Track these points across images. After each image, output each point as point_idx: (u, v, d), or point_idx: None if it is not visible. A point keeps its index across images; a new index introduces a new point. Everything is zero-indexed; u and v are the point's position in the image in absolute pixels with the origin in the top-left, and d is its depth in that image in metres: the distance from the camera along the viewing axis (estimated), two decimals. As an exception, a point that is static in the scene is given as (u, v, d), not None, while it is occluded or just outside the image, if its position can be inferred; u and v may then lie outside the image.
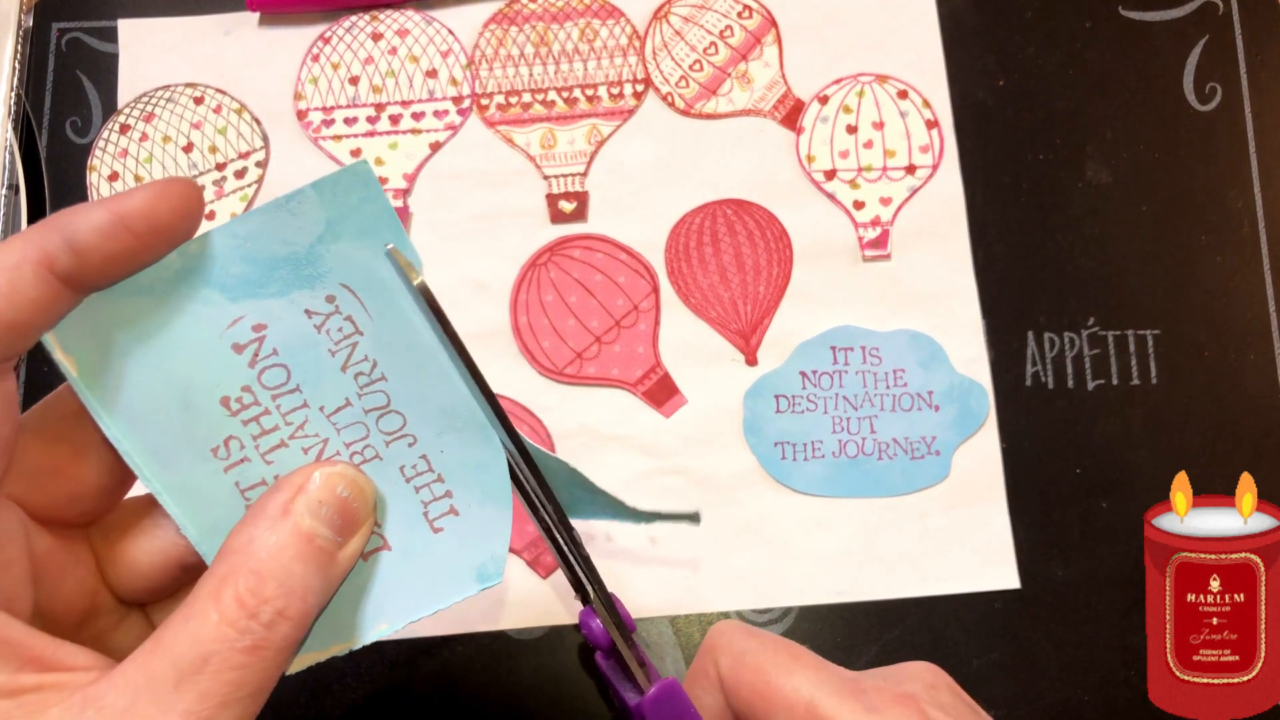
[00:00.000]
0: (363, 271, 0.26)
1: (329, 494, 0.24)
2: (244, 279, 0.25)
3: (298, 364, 0.26)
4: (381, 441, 0.26)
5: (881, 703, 0.28)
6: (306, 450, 0.26)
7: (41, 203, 0.45)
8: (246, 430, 0.25)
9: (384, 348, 0.26)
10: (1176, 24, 0.47)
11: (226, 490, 0.25)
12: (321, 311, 0.26)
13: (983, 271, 0.45)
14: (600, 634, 0.31)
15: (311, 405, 0.26)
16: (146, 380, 0.24)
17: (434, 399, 0.26)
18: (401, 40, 0.47)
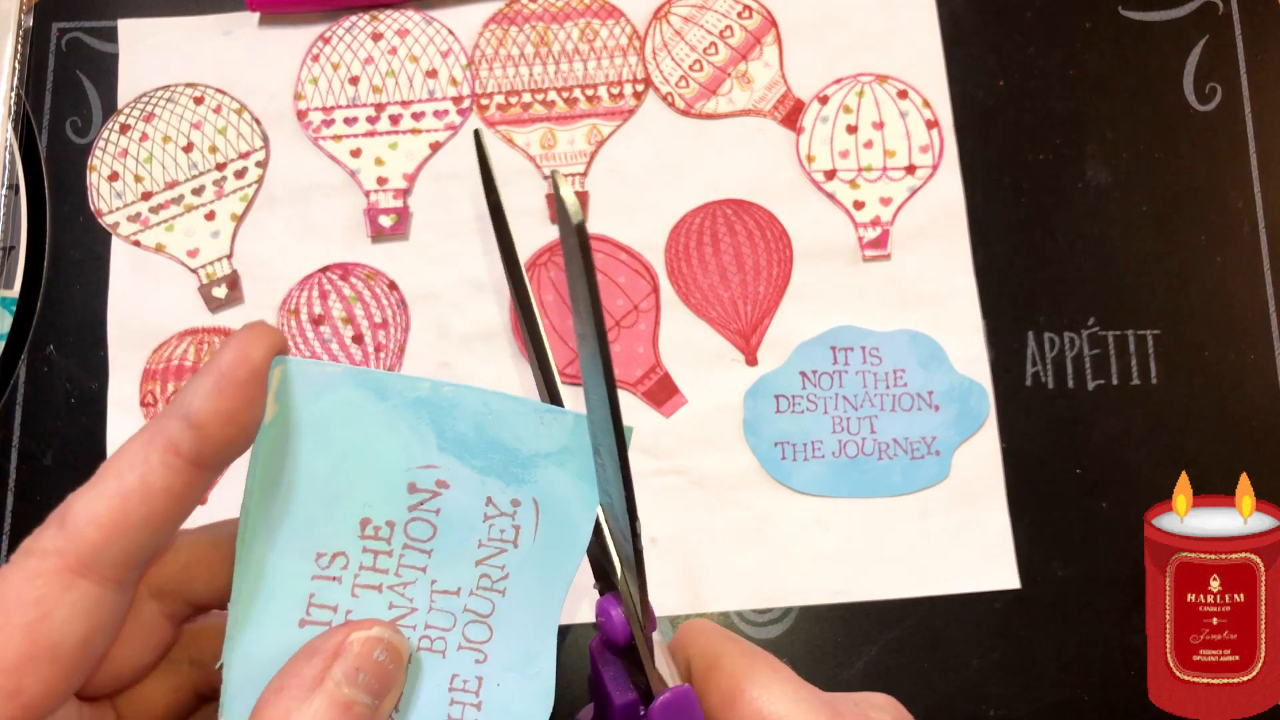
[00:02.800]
0: (559, 502, 0.26)
1: (366, 661, 0.23)
2: (462, 439, 0.25)
3: (446, 533, 0.25)
4: (456, 643, 0.26)
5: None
6: (391, 606, 0.25)
7: (41, 203, 0.45)
8: (360, 556, 0.25)
9: (524, 571, 0.26)
10: (1176, 24, 0.47)
11: (297, 599, 0.25)
12: (500, 509, 0.26)
13: (983, 271, 0.45)
14: (621, 628, 0.29)
15: (428, 573, 0.25)
16: (317, 461, 0.24)
17: (524, 639, 0.26)
18: (401, 40, 0.47)
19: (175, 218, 0.45)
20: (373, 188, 0.45)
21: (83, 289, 0.44)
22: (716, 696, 0.28)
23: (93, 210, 0.45)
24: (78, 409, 0.43)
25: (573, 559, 0.26)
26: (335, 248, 0.45)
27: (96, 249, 0.45)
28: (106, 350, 0.44)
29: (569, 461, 0.26)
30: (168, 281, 0.45)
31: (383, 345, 0.44)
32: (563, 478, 0.26)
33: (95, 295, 0.44)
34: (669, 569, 0.42)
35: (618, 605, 0.28)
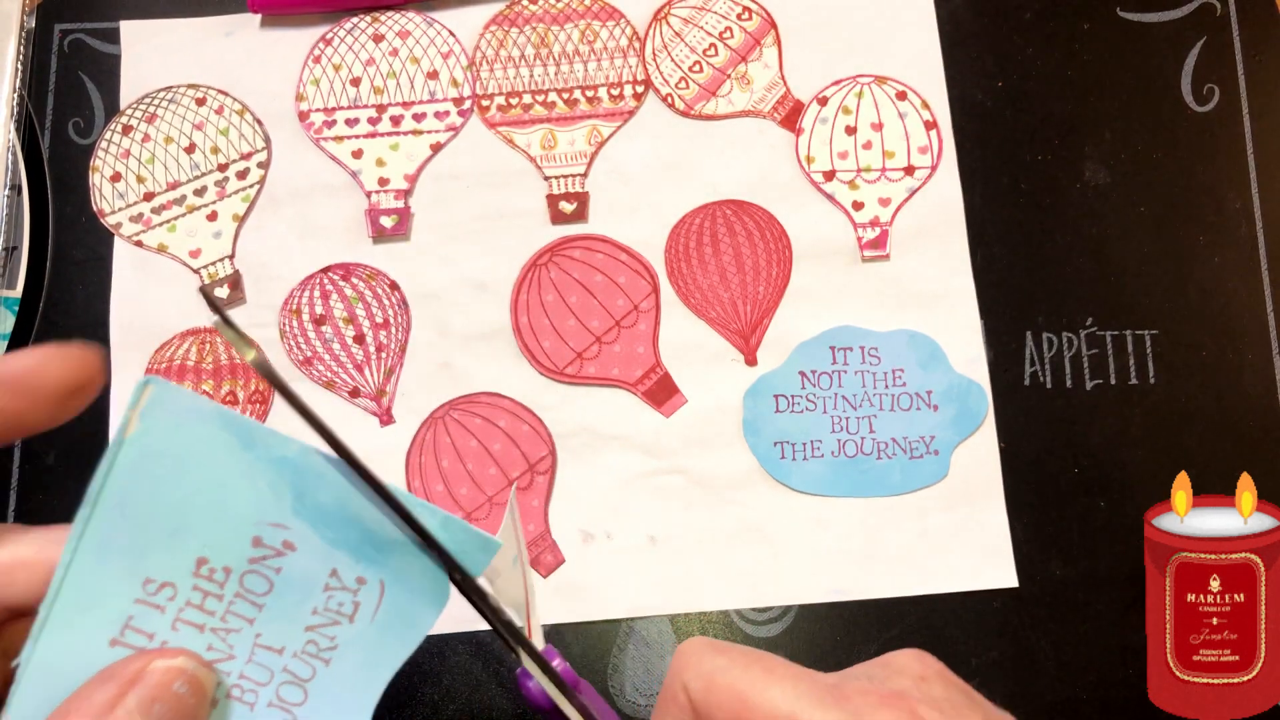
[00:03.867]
0: (408, 590, 0.25)
1: (164, 691, 0.22)
2: (320, 508, 0.24)
3: (282, 593, 0.25)
4: (268, 699, 0.25)
5: (867, 706, 0.27)
6: (209, 649, 0.24)
7: (44, 203, 0.45)
8: (190, 593, 0.24)
9: (353, 648, 0.25)
10: (1174, 25, 0.47)
11: (113, 618, 0.24)
12: (344, 583, 0.25)
13: (981, 272, 0.45)
14: (537, 694, 0.28)
15: (255, 626, 0.25)
16: (167, 488, 0.24)
17: (337, 712, 0.25)
18: (403, 42, 0.47)
19: (177, 218, 0.45)
20: (374, 188, 0.46)
21: (85, 289, 0.45)
22: (722, 714, 0.28)
23: (95, 211, 0.45)
24: (80, 408, 0.43)
25: (406, 647, 0.25)
26: (337, 248, 0.45)
27: (99, 249, 0.45)
28: (109, 350, 0.44)
29: (424, 555, 0.25)
30: (170, 282, 0.45)
31: (384, 345, 0.44)
32: (416, 569, 0.25)
33: (97, 296, 0.44)
34: (669, 568, 0.42)
35: (529, 676, 0.28)
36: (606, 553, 0.42)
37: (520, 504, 0.42)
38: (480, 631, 0.41)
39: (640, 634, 0.41)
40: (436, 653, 0.41)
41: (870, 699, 0.27)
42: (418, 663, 0.41)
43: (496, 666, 0.41)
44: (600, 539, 0.42)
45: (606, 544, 0.42)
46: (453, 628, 0.41)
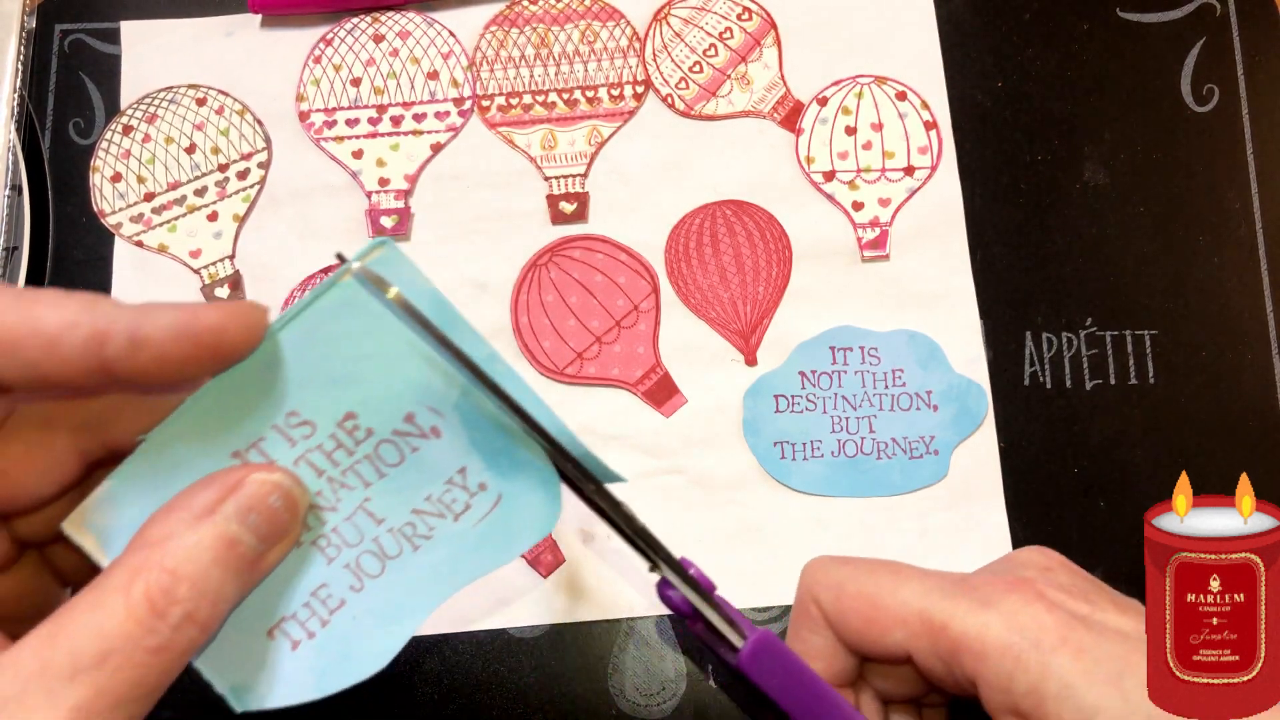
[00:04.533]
0: (518, 511, 0.26)
1: (260, 501, 0.23)
2: (477, 411, 0.25)
3: (408, 471, 0.26)
4: (346, 560, 0.25)
5: (995, 594, 0.27)
6: (318, 494, 0.25)
7: (44, 203, 0.45)
8: (325, 439, 0.25)
9: (446, 545, 0.26)
10: (1174, 26, 0.47)
11: (246, 434, 0.24)
12: (465, 483, 0.26)
13: (981, 272, 0.45)
14: (680, 602, 0.29)
15: (369, 490, 0.25)
16: (353, 339, 0.25)
17: (404, 597, 0.26)
18: (403, 42, 0.47)
19: (178, 219, 0.45)
20: (374, 189, 0.46)
21: (85, 290, 0.44)
22: (855, 620, 0.28)
23: (95, 211, 0.45)
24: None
25: (491, 564, 0.26)
26: (337, 248, 0.45)
27: (99, 250, 0.45)
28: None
29: (550, 486, 0.26)
30: (170, 282, 0.45)
31: (384, 345, 0.44)
32: (536, 495, 0.26)
33: (98, 295, 0.44)
34: (669, 568, 0.42)
35: (670, 586, 0.29)
36: (606, 552, 0.42)
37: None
38: (480, 631, 0.41)
39: (640, 634, 0.41)
40: (437, 653, 0.41)
41: (997, 587, 0.28)
42: (418, 663, 0.41)
43: (497, 666, 0.41)
44: (600, 539, 0.42)
45: (606, 544, 0.42)
46: (452, 628, 0.41)
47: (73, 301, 0.22)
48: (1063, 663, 0.26)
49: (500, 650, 0.41)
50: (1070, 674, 0.26)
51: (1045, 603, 0.27)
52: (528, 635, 0.41)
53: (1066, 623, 0.27)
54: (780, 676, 0.28)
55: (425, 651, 0.41)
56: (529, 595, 0.41)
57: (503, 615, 0.41)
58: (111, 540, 0.23)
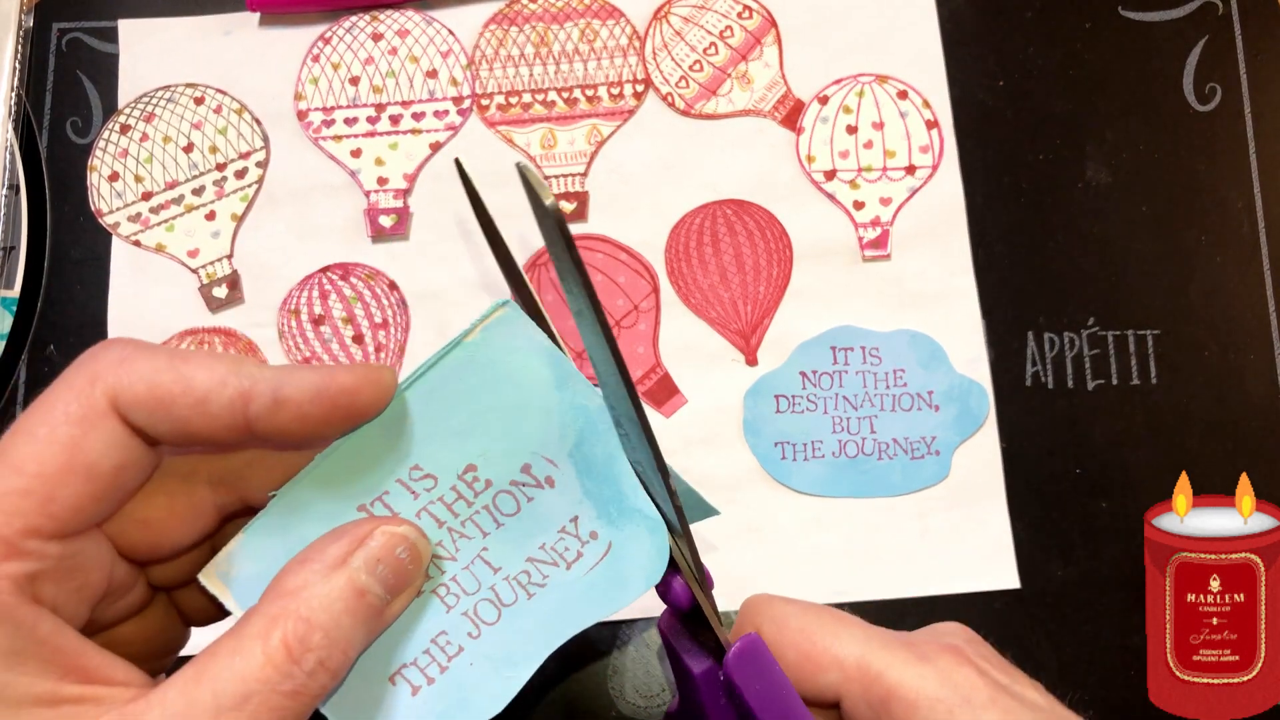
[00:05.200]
0: (628, 560, 0.27)
1: (388, 553, 0.24)
2: (590, 460, 0.27)
3: (524, 520, 0.27)
4: (464, 609, 0.26)
5: (931, 652, 0.29)
6: (438, 544, 0.26)
7: (42, 203, 0.45)
8: (446, 491, 0.26)
9: (559, 592, 0.27)
10: (1176, 24, 0.47)
11: (370, 487, 0.26)
12: (578, 532, 0.27)
13: (983, 271, 0.45)
14: (681, 593, 0.29)
15: (486, 540, 0.27)
16: (473, 396, 0.26)
17: (519, 643, 0.27)
18: (402, 40, 0.47)
19: (175, 218, 0.45)
20: (373, 188, 0.45)
21: (83, 289, 0.44)
22: (793, 654, 0.29)
23: (93, 210, 0.45)
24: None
25: (601, 610, 0.27)
26: (335, 248, 0.45)
27: (97, 249, 0.45)
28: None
29: (658, 535, 0.27)
30: (168, 282, 0.45)
31: (383, 345, 0.44)
32: (645, 544, 0.27)
33: (96, 295, 0.44)
34: (669, 569, 0.42)
35: (675, 573, 0.29)
36: (607, 553, 0.42)
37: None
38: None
39: (640, 634, 0.41)
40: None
41: (932, 647, 0.29)
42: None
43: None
44: (600, 539, 0.42)
45: (607, 545, 0.42)
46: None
47: (221, 363, 0.23)
48: (992, 719, 0.27)
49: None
50: None
51: (975, 668, 0.29)
52: (528, 636, 0.41)
53: (994, 687, 0.28)
54: (763, 683, 0.28)
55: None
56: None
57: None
58: (243, 590, 0.25)
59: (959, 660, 0.28)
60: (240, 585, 0.25)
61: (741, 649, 0.28)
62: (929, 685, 0.28)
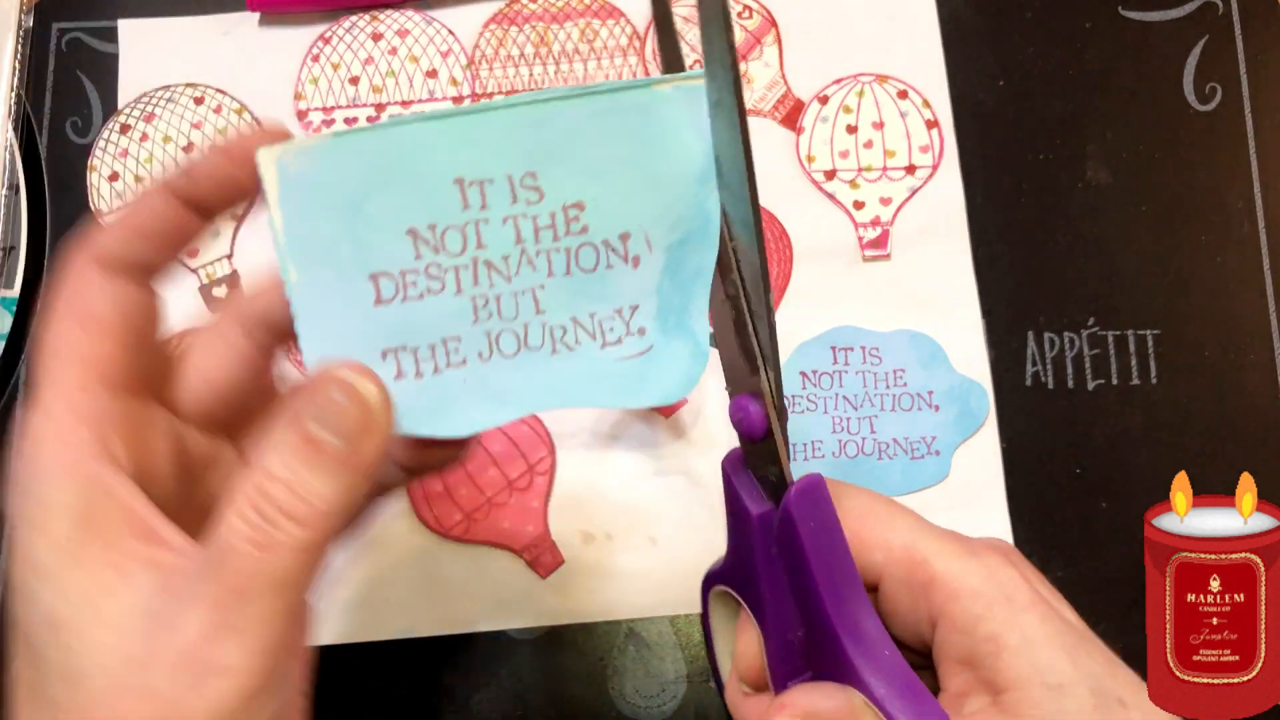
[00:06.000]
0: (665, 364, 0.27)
1: (326, 399, 0.24)
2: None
3: (596, 289, 0.26)
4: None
5: (980, 549, 0.29)
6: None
7: (42, 203, 0.45)
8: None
9: (584, 364, 0.27)
10: (1176, 24, 0.47)
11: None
12: (632, 337, 0.27)
13: (983, 271, 0.45)
14: (757, 420, 0.28)
15: (549, 281, 0.26)
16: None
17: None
18: (402, 40, 0.47)
19: (175, 218, 0.45)
20: (373, 188, 0.45)
21: (83, 289, 0.44)
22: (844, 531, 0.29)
23: (93, 210, 0.45)
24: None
25: (611, 399, 0.27)
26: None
27: (97, 249, 0.45)
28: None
29: (697, 364, 0.27)
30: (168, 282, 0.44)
31: (383, 345, 0.44)
32: (681, 363, 0.27)
33: (96, 295, 0.44)
34: (669, 569, 0.42)
35: (754, 400, 0.28)
36: (606, 553, 0.42)
37: (520, 505, 0.42)
38: (479, 633, 0.41)
39: (640, 635, 0.41)
40: (436, 654, 0.41)
41: (981, 544, 0.29)
42: (416, 663, 0.41)
43: (496, 668, 0.41)
44: (600, 539, 0.42)
45: (606, 544, 0.42)
46: (452, 629, 0.41)
47: (146, 194, 0.26)
48: (1030, 620, 0.27)
49: (500, 652, 0.41)
50: (1034, 632, 0.27)
51: (1021, 573, 0.29)
52: (527, 637, 0.41)
53: (1037, 593, 0.28)
54: (817, 522, 0.28)
55: (424, 653, 0.41)
56: (528, 596, 0.41)
57: (502, 616, 0.41)
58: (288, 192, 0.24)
59: (1005, 561, 0.28)
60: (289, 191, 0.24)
61: (806, 484, 0.28)
62: (973, 578, 0.28)
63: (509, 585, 0.42)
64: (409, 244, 0.25)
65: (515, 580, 0.42)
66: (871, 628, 0.28)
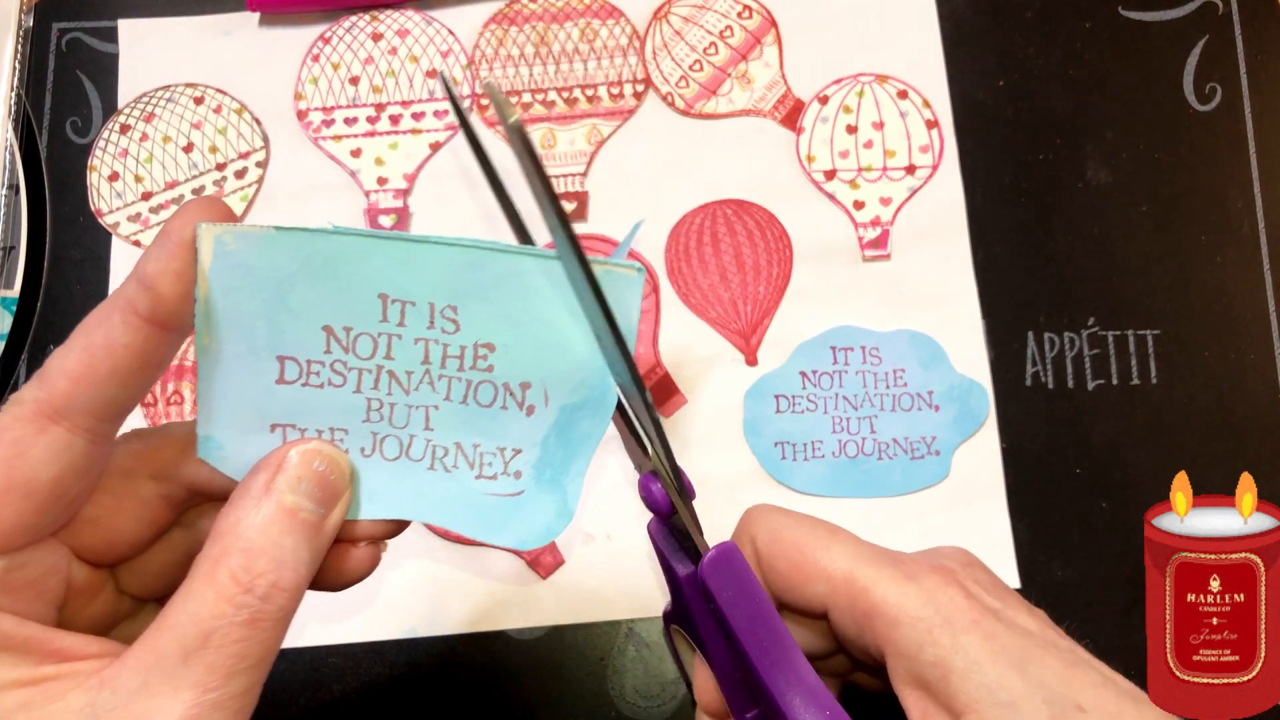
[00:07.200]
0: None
1: (307, 469, 0.25)
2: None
3: (485, 425, 0.27)
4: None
5: (918, 571, 0.29)
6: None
7: (42, 202, 0.45)
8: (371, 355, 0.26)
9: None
10: (1176, 24, 0.47)
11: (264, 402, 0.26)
12: (506, 478, 0.27)
13: (983, 271, 0.45)
14: (660, 498, 0.30)
15: (445, 404, 0.27)
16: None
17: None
18: (401, 40, 0.47)
19: (175, 218, 0.45)
20: (373, 188, 0.45)
21: (83, 289, 0.44)
22: (784, 565, 0.30)
23: (93, 210, 0.45)
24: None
25: (468, 529, 0.27)
26: None
27: (96, 249, 0.45)
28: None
29: (559, 522, 0.28)
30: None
31: (383, 345, 0.44)
32: (544, 516, 0.28)
33: (95, 295, 0.44)
34: (669, 569, 0.42)
35: (656, 480, 0.30)
36: (606, 553, 0.42)
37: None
38: (480, 633, 0.41)
39: (640, 635, 0.41)
40: (436, 654, 0.41)
41: (922, 566, 0.29)
42: (417, 664, 0.41)
43: (496, 668, 0.41)
44: (600, 539, 0.42)
45: (606, 544, 0.42)
46: (452, 629, 0.41)
47: (98, 311, 0.24)
48: (972, 642, 0.27)
49: (500, 652, 0.41)
50: (978, 653, 0.27)
51: (962, 590, 0.28)
52: (527, 637, 0.41)
53: (980, 610, 0.28)
54: (735, 589, 0.29)
55: (425, 653, 0.41)
56: (529, 597, 0.41)
57: (502, 617, 0.41)
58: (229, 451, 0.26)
59: (946, 581, 0.28)
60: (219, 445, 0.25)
61: (715, 556, 0.29)
62: (912, 603, 0.28)
63: (509, 585, 0.42)
64: (322, 338, 0.26)
65: (515, 580, 0.42)
66: (801, 690, 0.29)
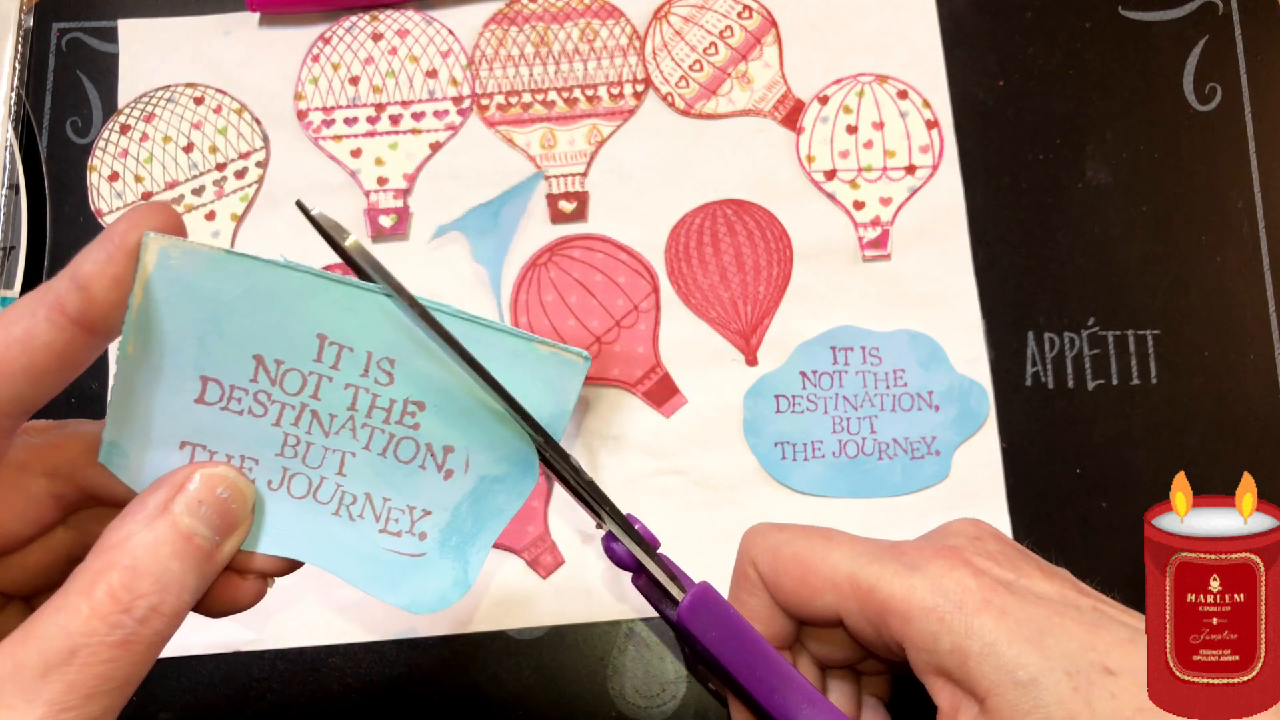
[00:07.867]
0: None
1: (209, 494, 0.24)
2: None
3: (400, 480, 0.27)
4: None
5: (921, 559, 0.28)
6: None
7: (42, 203, 0.45)
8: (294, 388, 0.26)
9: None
10: (1176, 24, 0.47)
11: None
12: (409, 538, 0.27)
13: (983, 271, 0.45)
14: (625, 556, 0.30)
15: (363, 453, 0.27)
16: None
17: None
18: (401, 40, 0.47)
19: (175, 218, 0.45)
20: (373, 188, 0.45)
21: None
22: (789, 581, 0.30)
23: (93, 210, 0.45)
24: (78, 409, 0.43)
25: (363, 582, 0.27)
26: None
27: (97, 249, 0.45)
28: (105, 350, 0.44)
29: (454, 593, 0.28)
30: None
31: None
32: (439, 584, 0.28)
33: (95, 295, 0.44)
34: (669, 569, 0.42)
35: (615, 540, 0.30)
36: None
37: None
38: (479, 633, 0.41)
39: (640, 635, 0.41)
40: (436, 655, 0.41)
41: (924, 553, 0.29)
42: (416, 664, 0.41)
43: (496, 668, 0.41)
44: (600, 538, 0.42)
45: (607, 544, 0.42)
46: (452, 629, 0.41)
47: (29, 295, 0.23)
48: (985, 624, 0.27)
49: (500, 652, 0.41)
50: (992, 634, 0.27)
51: (970, 569, 0.28)
52: (527, 637, 0.41)
53: (990, 587, 0.28)
54: (718, 629, 0.29)
55: (424, 653, 0.41)
56: (528, 597, 0.41)
57: (502, 617, 0.41)
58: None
59: (952, 564, 0.28)
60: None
61: (689, 603, 0.30)
62: (919, 594, 0.28)
63: (509, 585, 0.42)
64: (251, 366, 0.26)
65: (515, 581, 0.42)
66: (808, 706, 0.29)
